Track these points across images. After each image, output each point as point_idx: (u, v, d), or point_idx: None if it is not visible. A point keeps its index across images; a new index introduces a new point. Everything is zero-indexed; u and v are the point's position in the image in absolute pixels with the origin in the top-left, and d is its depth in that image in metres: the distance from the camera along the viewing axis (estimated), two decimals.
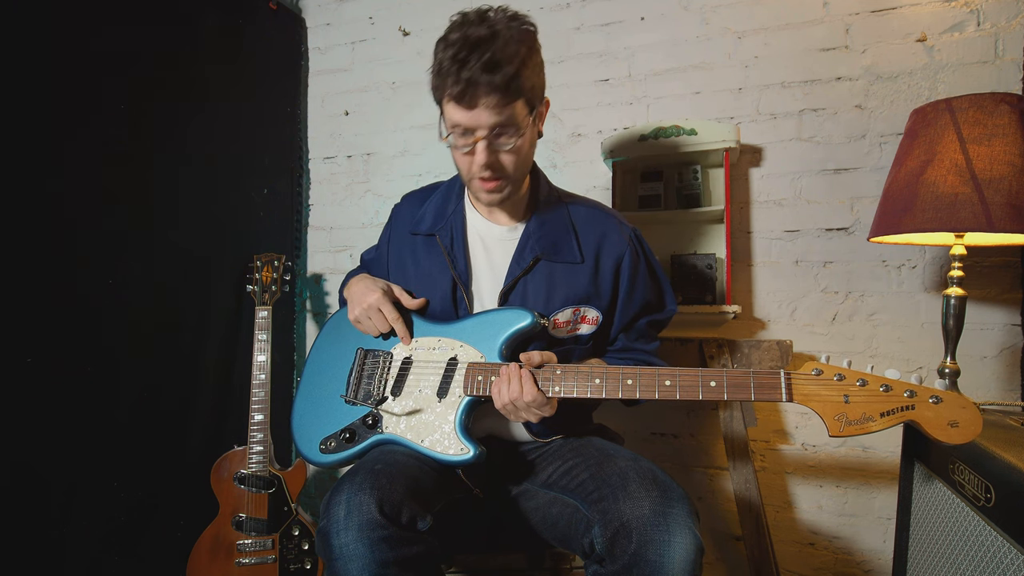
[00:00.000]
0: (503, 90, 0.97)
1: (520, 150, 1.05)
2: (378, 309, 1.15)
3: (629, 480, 0.93)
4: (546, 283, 1.13)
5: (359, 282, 1.22)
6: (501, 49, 0.95)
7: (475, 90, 0.96)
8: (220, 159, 1.84)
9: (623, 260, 1.16)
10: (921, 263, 1.54)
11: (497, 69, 0.95)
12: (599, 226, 1.18)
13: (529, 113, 1.04)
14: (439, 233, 1.20)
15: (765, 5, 1.66)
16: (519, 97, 1.00)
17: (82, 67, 1.44)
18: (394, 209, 1.35)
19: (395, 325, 1.15)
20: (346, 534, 0.85)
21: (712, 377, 0.93)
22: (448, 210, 1.23)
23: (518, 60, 0.97)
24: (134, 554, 1.56)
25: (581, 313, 1.14)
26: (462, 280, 1.16)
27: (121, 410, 1.53)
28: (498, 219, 1.19)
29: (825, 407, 0.86)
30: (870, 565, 1.58)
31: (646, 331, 1.22)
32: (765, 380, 0.90)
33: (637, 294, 1.18)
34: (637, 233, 1.22)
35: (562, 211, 1.19)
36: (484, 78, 0.95)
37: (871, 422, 0.84)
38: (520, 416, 1.01)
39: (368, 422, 1.11)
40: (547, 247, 1.14)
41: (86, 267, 1.46)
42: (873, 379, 0.85)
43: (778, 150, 1.66)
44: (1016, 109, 1.12)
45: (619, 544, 0.87)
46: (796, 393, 0.88)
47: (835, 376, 0.87)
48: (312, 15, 2.21)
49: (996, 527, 0.87)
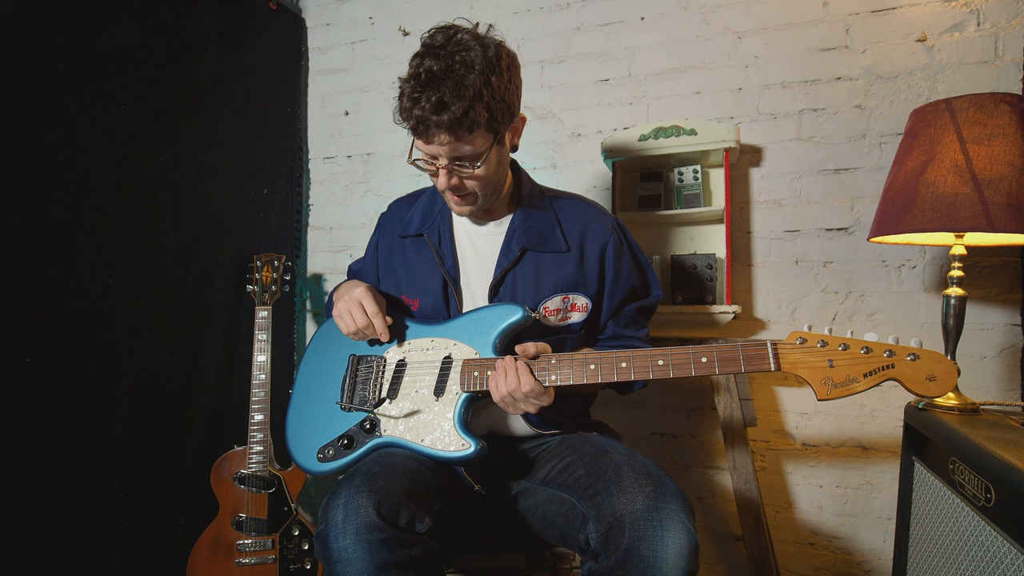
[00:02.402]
0: (454, 129, 0.98)
1: (483, 175, 1.07)
2: (359, 302, 1.13)
3: (623, 475, 0.93)
4: (534, 273, 1.15)
5: (347, 282, 1.24)
6: (453, 87, 0.96)
7: (427, 127, 0.99)
8: (220, 159, 1.84)
9: (607, 247, 1.18)
10: (921, 263, 1.54)
11: (445, 110, 0.96)
12: (582, 216, 1.21)
13: (493, 140, 1.04)
14: (427, 232, 1.23)
15: (765, 5, 1.66)
16: (475, 130, 1.00)
17: (82, 67, 1.44)
18: (381, 217, 1.36)
19: (374, 319, 1.12)
20: (344, 538, 0.85)
21: (703, 353, 0.96)
22: (435, 210, 1.25)
23: (471, 96, 0.96)
24: (134, 554, 1.56)
25: (571, 301, 1.16)
26: (451, 276, 1.18)
27: (121, 410, 1.53)
28: (483, 216, 1.22)
29: (812, 373, 0.90)
30: (870, 565, 1.58)
31: (635, 317, 1.23)
32: (753, 352, 0.93)
33: (623, 280, 1.20)
34: (619, 221, 1.25)
35: (545, 204, 1.22)
36: (434, 119, 0.97)
37: (855, 383, 0.88)
38: (519, 408, 1.02)
39: (366, 427, 1.11)
40: (533, 238, 1.16)
41: (86, 267, 1.46)
42: (854, 343, 0.89)
43: (778, 150, 1.66)
44: (1016, 109, 1.12)
45: (613, 539, 0.87)
46: (783, 362, 0.91)
47: (818, 343, 0.91)
48: (312, 15, 2.21)
49: (996, 527, 0.87)
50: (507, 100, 1.04)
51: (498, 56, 1.02)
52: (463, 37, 1.00)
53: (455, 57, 0.97)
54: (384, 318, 1.13)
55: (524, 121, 1.15)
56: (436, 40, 1.00)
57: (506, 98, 1.04)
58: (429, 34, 1.03)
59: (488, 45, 1.01)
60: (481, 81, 0.98)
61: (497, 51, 1.02)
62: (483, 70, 0.98)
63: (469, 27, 1.03)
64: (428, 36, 1.02)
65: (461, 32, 1.01)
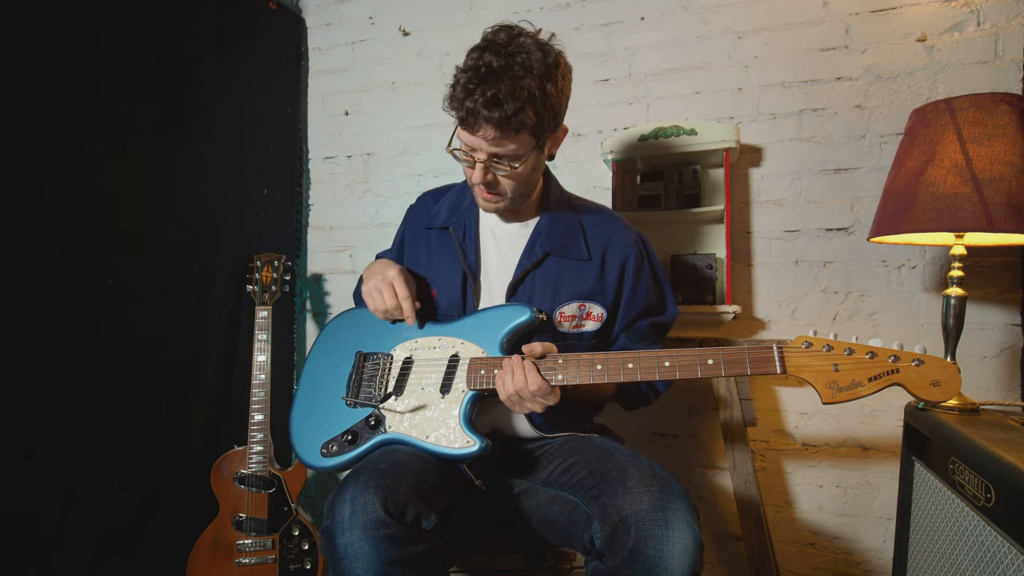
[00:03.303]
0: (502, 126, 0.99)
1: (518, 176, 1.08)
2: (391, 284, 1.14)
3: (628, 476, 0.93)
4: (554, 278, 1.16)
5: (380, 261, 1.24)
6: (510, 86, 0.97)
7: (476, 120, 1.00)
8: (220, 159, 1.84)
9: (628, 261, 1.19)
10: (921, 263, 1.54)
11: (498, 107, 0.97)
12: (606, 228, 1.22)
13: (535, 145, 1.06)
14: (452, 226, 1.24)
15: (765, 5, 1.66)
16: (520, 132, 1.01)
17: (82, 67, 1.44)
18: (409, 209, 1.38)
19: (403, 303, 1.14)
20: (351, 533, 0.86)
21: (709, 355, 0.96)
22: (463, 205, 1.26)
23: (524, 98, 0.98)
24: (134, 554, 1.56)
25: (586, 309, 1.17)
26: (472, 271, 1.19)
27: (121, 410, 1.53)
28: (510, 216, 1.22)
29: (817, 376, 0.91)
30: (870, 565, 1.58)
31: (648, 332, 1.23)
32: (760, 355, 0.94)
33: (640, 295, 1.20)
34: (643, 237, 1.26)
35: (571, 212, 1.23)
36: (484, 113, 0.98)
37: (860, 387, 0.89)
38: (525, 407, 1.02)
39: (370, 423, 1.11)
40: (556, 244, 1.17)
41: (86, 267, 1.46)
42: (859, 348, 0.90)
43: (778, 150, 1.66)
44: (1016, 109, 1.12)
45: (618, 539, 0.88)
46: (789, 365, 0.92)
47: (824, 347, 0.91)
48: (312, 15, 2.20)
49: (996, 527, 0.87)
50: (556, 109, 1.06)
51: (556, 64, 1.03)
52: (525, 41, 1.02)
53: (516, 57, 0.99)
54: (413, 302, 1.14)
55: (566, 132, 1.16)
56: (499, 38, 1.02)
57: (555, 107, 1.05)
58: (492, 31, 1.04)
59: (548, 52, 1.03)
60: (536, 85, 0.99)
61: (556, 59, 1.04)
62: (540, 75, 1.00)
63: (532, 31, 1.05)
64: (491, 32, 1.04)
65: (524, 35, 1.03)
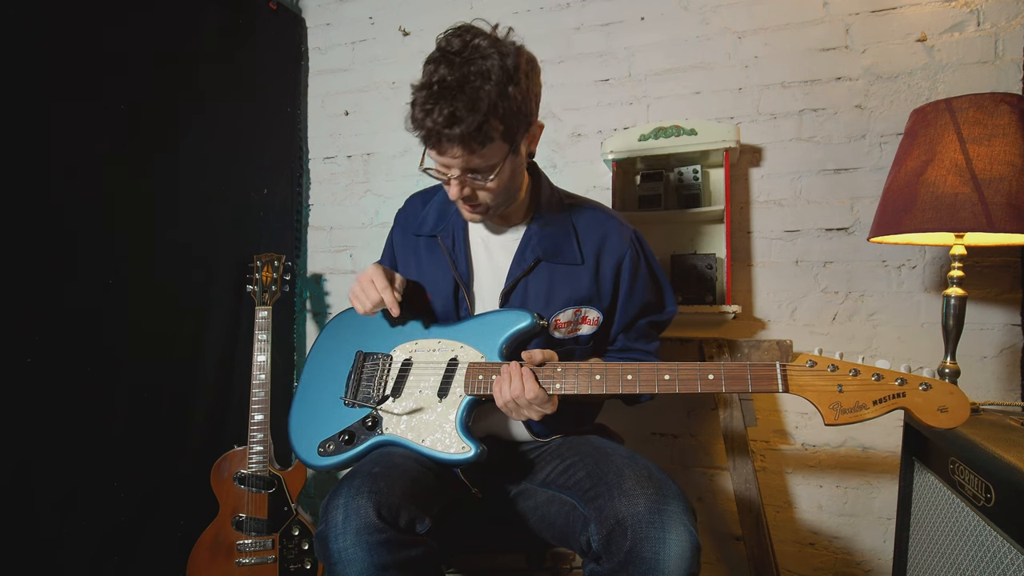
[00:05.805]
0: (466, 143, 0.94)
1: (496, 186, 1.03)
2: (370, 279, 1.11)
3: (625, 477, 0.93)
4: (547, 284, 1.13)
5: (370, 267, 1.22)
6: (467, 100, 0.91)
7: (439, 140, 0.95)
8: (220, 159, 1.84)
9: (623, 261, 1.16)
10: (921, 263, 1.54)
11: (457, 123, 0.91)
12: (600, 228, 1.18)
13: (508, 151, 1.00)
14: (441, 235, 1.20)
15: (765, 5, 1.66)
16: (488, 143, 0.95)
17: (82, 67, 1.44)
18: (398, 213, 1.35)
19: (383, 294, 1.09)
20: (344, 538, 0.85)
21: (710, 370, 0.94)
22: (450, 212, 1.22)
23: (485, 109, 0.92)
24: (134, 554, 1.56)
25: (582, 314, 1.15)
26: (463, 281, 1.16)
27: (121, 410, 1.53)
28: (499, 222, 1.19)
29: (820, 397, 0.88)
30: (870, 565, 1.58)
31: (646, 331, 1.22)
32: (762, 372, 0.91)
33: (637, 295, 1.18)
34: (638, 235, 1.22)
35: (564, 213, 1.18)
36: (446, 132, 0.93)
37: (864, 410, 0.86)
38: (522, 414, 1.01)
39: (368, 424, 1.11)
40: (548, 249, 1.14)
41: (86, 267, 1.46)
42: (865, 369, 0.87)
43: (778, 150, 1.66)
44: (1016, 109, 1.12)
45: (615, 541, 0.87)
46: (792, 384, 0.89)
47: (828, 367, 0.89)
48: (312, 15, 2.20)
49: (996, 527, 0.87)
50: (523, 110, 0.99)
51: (516, 65, 0.95)
52: (480, 43, 0.94)
53: (471, 66, 0.92)
54: (393, 292, 1.10)
55: (542, 128, 1.10)
56: (452, 45, 0.94)
57: (522, 108, 0.98)
58: (445, 37, 0.96)
59: (507, 52, 0.95)
60: (497, 92, 0.93)
61: (516, 58, 0.96)
62: (499, 80, 0.93)
63: (487, 30, 0.97)
64: (444, 39, 0.96)
65: (479, 36, 0.95)
